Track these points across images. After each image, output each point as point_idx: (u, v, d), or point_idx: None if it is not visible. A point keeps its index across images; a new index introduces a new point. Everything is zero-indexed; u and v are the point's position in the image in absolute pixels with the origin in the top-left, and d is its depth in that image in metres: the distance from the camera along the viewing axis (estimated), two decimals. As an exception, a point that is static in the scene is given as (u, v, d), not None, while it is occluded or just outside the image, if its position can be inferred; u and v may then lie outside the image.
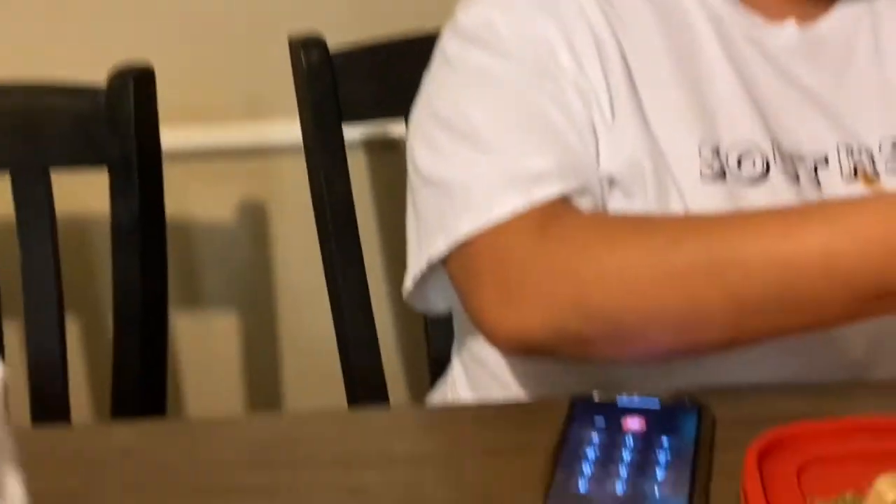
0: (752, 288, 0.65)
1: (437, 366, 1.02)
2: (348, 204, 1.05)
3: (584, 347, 0.70)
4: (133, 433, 0.77)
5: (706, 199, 0.75)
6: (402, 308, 1.34)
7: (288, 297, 1.38)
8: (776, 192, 0.76)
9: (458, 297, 0.76)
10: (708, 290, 0.66)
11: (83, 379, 1.39)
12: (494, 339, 0.72)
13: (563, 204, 0.73)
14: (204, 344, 1.40)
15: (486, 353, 0.83)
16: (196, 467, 0.69)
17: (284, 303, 1.39)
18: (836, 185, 0.77)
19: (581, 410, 0.68)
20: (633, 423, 0.67)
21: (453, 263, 0.74)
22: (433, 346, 1.08)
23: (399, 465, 0.68)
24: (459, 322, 0.90)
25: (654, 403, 0.69)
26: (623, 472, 0.62)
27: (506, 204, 0.71)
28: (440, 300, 0.82)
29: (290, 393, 1.43)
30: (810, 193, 0.77)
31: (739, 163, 0.77)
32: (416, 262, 0.76)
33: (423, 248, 0.75)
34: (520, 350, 0.74)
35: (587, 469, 0.63)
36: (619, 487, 0.61)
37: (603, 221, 0.73)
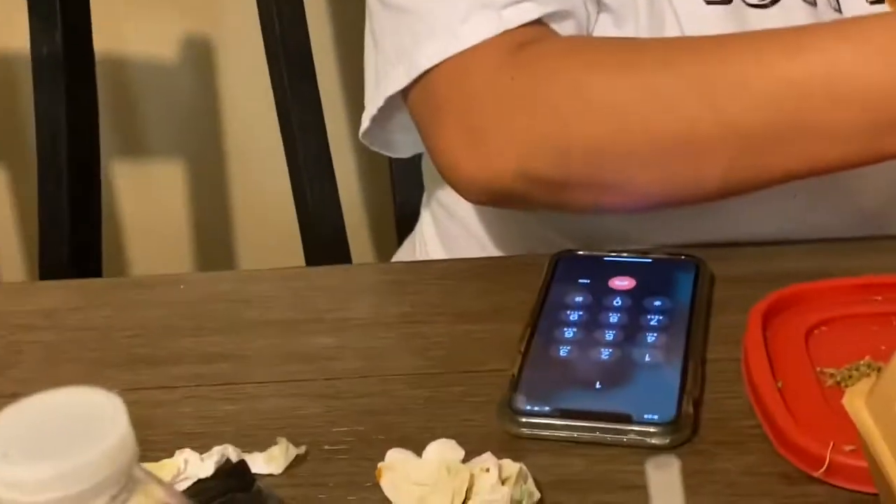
0: (751, 112, 0.60)
1: (406, 228, 0.98)
2: (305, 45, 0.99)
3: (560, 193, 0.65)
4: (61, 294, 0.72)
5: (707, 23, 0.69)
6: (365, 162, 1.31)
7: (239, 145, 1.35)
8: (789, 16, 0.70)
9: (420, 137, 0.71)
10: (701, 115, 0.61)
11: (15, 238, 1.36)
12: (458, 185, 0.68)
13: (539, 29, 0.67)
14: (145, 199, 1.37)
15: (457, 203, 0.79)
16: (131, 332, 0.66)
17: (235, 153, 1.36)
18: (858, 8, 0.72)
19: (564, 268, 0.66)
20: (622, 282, 0.64)
21: (414, 98, 0.69)
22: (400, 205, 1.03)
23: (357, 329, 0.65)
24: (428, 167, 0.86)
25: (645, 260, 0.66)
26: (609, 336, 0.60)
27: (474, 29, 0.65)
28: (405, 143, 0.77)
29: (243, 255, 1.41)
30: (828, 18, 0.71)
31: None
32: (374, 98, 0.71)
33: (381, 82, 0.70)
34: (487, 197, 0.69)
35: (570, 333, 0.60)
36: (605, 354, 0.59)
37: (583, 45, 0.68)
